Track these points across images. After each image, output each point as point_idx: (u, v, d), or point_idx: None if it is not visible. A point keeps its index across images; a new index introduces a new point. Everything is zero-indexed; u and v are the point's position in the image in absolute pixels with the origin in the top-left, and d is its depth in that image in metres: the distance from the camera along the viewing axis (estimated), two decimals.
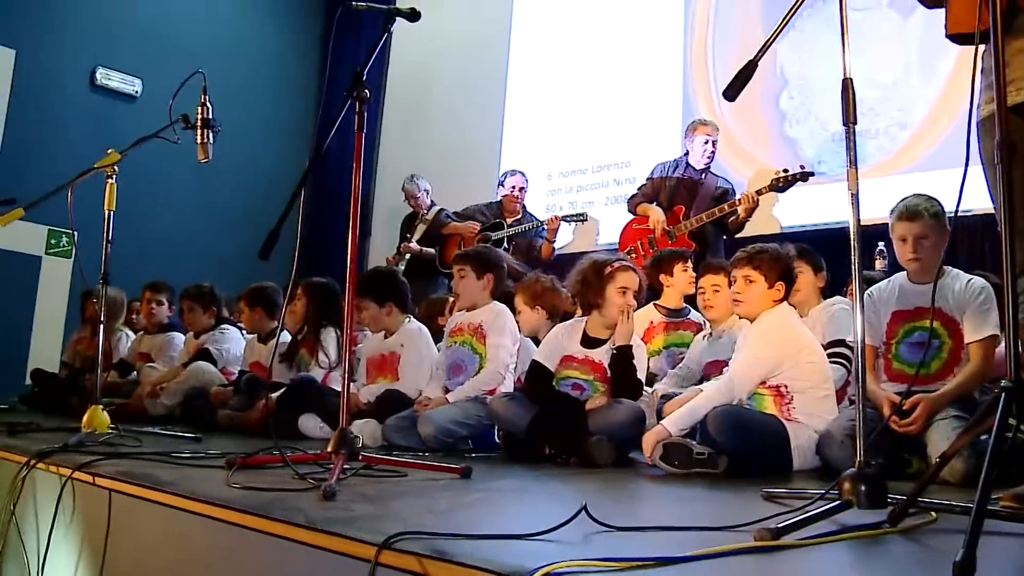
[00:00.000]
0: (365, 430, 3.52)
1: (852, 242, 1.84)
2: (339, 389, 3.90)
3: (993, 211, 1.75)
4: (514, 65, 7.52)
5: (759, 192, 4.76)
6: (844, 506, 1.72)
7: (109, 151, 3.25)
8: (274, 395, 3.84)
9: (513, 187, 5.97)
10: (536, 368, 3.35)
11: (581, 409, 3.11)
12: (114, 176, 3.27)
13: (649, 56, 6.60)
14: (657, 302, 4.24)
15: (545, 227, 5.79)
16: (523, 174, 6.06)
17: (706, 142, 5.08)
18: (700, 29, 6.35)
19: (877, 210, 5.34)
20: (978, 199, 2.10)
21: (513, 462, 3.18)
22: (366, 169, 8.15)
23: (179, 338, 5.34)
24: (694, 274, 4.06)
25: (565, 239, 6.36)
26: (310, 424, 3.82)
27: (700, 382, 3.52)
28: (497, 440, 3.58)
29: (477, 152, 7.48)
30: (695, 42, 6.38)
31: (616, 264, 3.31)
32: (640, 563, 1.24)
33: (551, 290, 3.95)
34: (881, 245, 4.86)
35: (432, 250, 6.20)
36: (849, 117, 1.87)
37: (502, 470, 2.92)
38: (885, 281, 3.07)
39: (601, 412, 3.07)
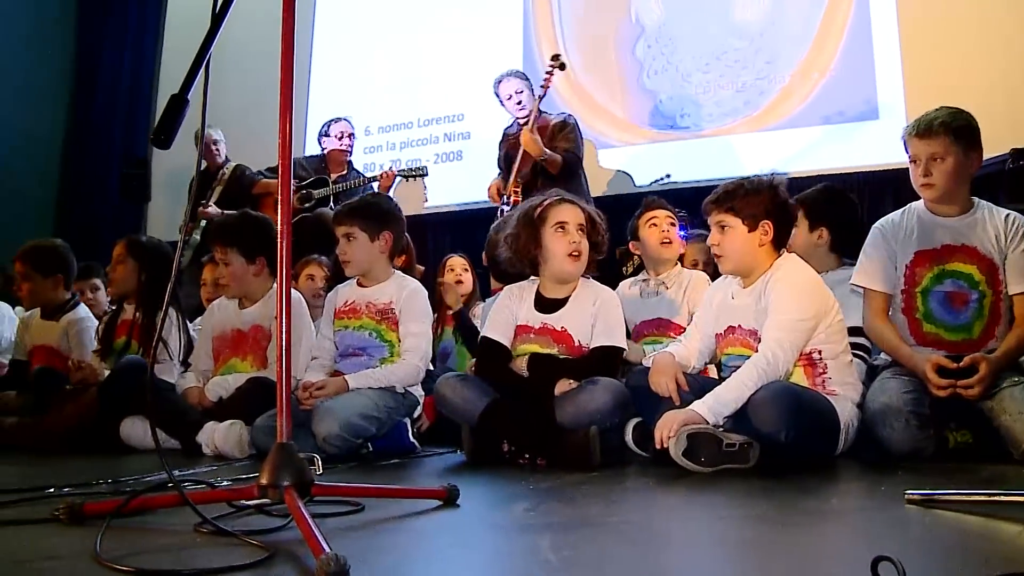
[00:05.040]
0: (229, 437, 2.55)
1: None
2: (172, 381, 2.91)
3: None
4: (323, 3, 6.48)
5: None
6: None
7: None
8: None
9: (341, 134, 5.07)
10: (487, 345, 2.55)
11: (549, 393, 2.36)
12: None
13: None
14: None
15: (376, 185, 4.94)
16: (349, 121, 5.19)
17: (509, 98, 4.46)
18: None
19: (744, 167, 5.08)
20: None
21: (477, 466, 2.37)
22: (144, 126, 6.82)
23: None
24: None
25: None
26: (137, 431, 2.76)
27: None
28: (412, 439, 2.72)
29: (276, 103, 6.37)
30: None
31: (548, 199, 2.57)
32: None
33: None
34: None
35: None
36: None
37: (481, 482, 2.10)
38: (898, 213, 2.49)
39: (573, 398, 2.32)
